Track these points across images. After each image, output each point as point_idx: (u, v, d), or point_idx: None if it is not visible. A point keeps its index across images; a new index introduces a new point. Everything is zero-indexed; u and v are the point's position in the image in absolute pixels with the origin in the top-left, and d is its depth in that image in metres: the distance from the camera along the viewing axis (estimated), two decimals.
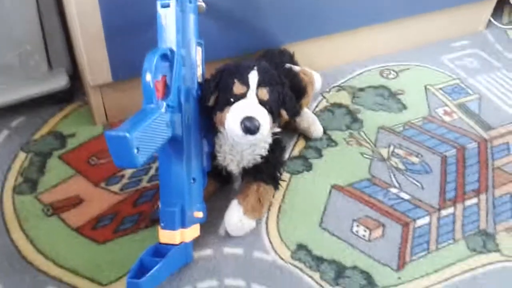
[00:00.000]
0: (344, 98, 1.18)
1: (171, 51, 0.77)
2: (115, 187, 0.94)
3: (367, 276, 0.82)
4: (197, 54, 0.82)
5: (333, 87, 1.21)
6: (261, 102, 0.80)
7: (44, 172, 0.96)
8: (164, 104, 0.74)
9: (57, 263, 0.81)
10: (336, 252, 0.85)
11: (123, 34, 0.95)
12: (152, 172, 0.97)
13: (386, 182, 0.98)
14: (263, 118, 0.78)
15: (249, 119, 0.76)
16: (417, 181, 0.99)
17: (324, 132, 1.08)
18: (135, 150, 0.66)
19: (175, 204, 0.79)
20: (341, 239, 0.88)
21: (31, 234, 0.85)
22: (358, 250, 0.86)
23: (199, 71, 0.83)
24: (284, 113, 0.83)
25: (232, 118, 0.78)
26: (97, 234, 0.86)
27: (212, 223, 0.88)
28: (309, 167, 1.00)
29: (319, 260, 0.84)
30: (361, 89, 1.21)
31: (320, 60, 1.22)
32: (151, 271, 0.73)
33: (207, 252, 0.84)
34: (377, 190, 0.97)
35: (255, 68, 0.81)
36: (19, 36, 1.02)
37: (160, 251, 0.78)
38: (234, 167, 0.88)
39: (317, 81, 1.12)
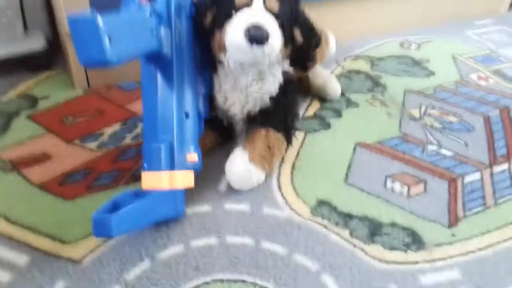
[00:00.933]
0: (362, 65, 1.03)
1: None
2: (92, 145, 0.77)
3: (411, 233, 0.63)
4: None
5: (349, 56, 1.07)
6: (270, 12, 0.64)
7: (7, 130, 0.79)
8: (149, 7, 0.58)
9: (9, 219, 0.63)
10: (368, 208, 0.67)
11: None
12: (138, 130, 0.80)
13: (422, 140, 0.81)
14: (273, 27, 0.62)
15: (255, 26, 0.60)
16: (459, 138, 0.82)
17: (342, 95, 0.92)
18: (106, 39, 0.50)
19: (162, 140, 0.62)
20: (373, 195, 0.69)
21: None
22: (396, 206, 0.67)
23: None
24: (297, 33, 0.67)
25: (234, 28, 0.62)
26: (66, 190, 0.68)
27: (210, 178, 0.71)
28: (327, 126, 0.84)
29: (347, 216, 0.65)
30: (381, 58, 1.07)
31: (333, 30, 1.08)
32: (126, 208, 0.54)
33: (204, 208, 0.66)
34: (412, 147, 0.79)
35: None
36: None
37: (141, 196, 0.59)
38: (237, 111, 0.71)
39: (331, 40, 0.97)
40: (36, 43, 0.95)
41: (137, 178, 0.69)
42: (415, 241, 0.62)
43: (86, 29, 0.50)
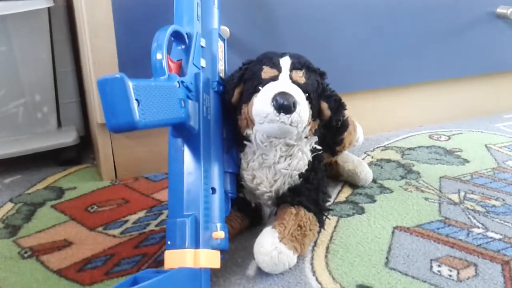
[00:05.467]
0: (392, 155, 1.01)
1: (188, 34, 0.66)
2: (115, 231, 0.74)
3: None
4: (219, 48, 0.71)
5: (377, 147, 1.05)
6: (297, 85, 0.64)
7: (31, 219, 0.77)
8: (178, 79, 0.59)
9: None
10: None
11: (137, 66, 0.85)
12: (162, 217, 0.78)
13: (465, 223, 0.76)
14: (300, 97, 0.62)
15: (282, 94, 0.60)
16: (506, 221, 0.76)
17: (374, 182, 0.89)
18: (134, 102, 0.50)
19: (188, 215, 0.59)
20: (418, 279, 0.62)
21: None
22: None
23: (221, 66, 0.70)
24: (325, 106, 0.67)
25: (261, 98, 0.62)
26: (83, 276, 0.63)
27: (237, 263, 0.66)
28: (360, 211, 0.79)
29: None
30: (411, 148, 1.04)
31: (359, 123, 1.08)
32: (146, 282, 0.49)
33: None
34: (456, 231, 0.73)
35: (287, 54, 0.68)
36: (28, 83, 0.93)
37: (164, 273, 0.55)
38: (265, 189, 0.68)
39: (359, 129, 0.97)
40: (68, 137, 0.96)
41: (160, 264, 0.65)
42: None
43: (115, 89, 0.50)
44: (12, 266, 0.65)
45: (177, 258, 0.56)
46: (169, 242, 0.58)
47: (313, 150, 0.70)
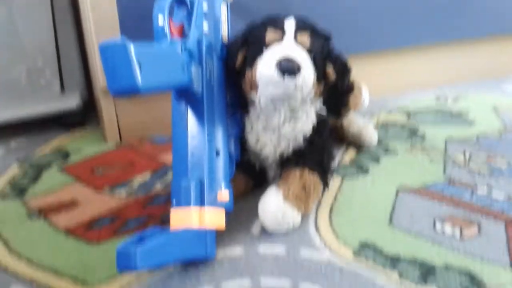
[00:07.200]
0: (398, 117, 1.01)
1: None
2: (121, 193, 0.74)
3: (469, 276, 0.56)
4: (222, 11, 0.69)
5: (383, 109, 1.04)
6: (301, 47, 0.63)
7: (37, 181, 0.78)
8: (180, 43, 0.58)
9: (31, 262, 0.59)
10: (418, 250, 0.60)
11: (140, 30, 0.83)
12: (168, 178, 0.78)
13: (470, 184, 0.75)
14: (304, 60, 0.61)
15: (286, 59, 0.59)
16: (511, 182, 0.76)
17: (379, 144, 0.89)
18: (136, 66, 0.49)
19: (192, 177, 0.59)
20: (421, 237, 0.63)
21: (6, 236, 0.65)
22: (448, 249, 0.61)
23: (224, 30, 0.69)
24: (330, 69, 0.66)
25: (265, 62, 0.61)
26: (91, 234, 0.65)
27: (242, 222, 0.66)
28: (365, 172, 0.79)
29: (395, 259, 0.59)
30: (417, 111, 1.04)
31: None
32: (153, 241, 0.50)
33: (237, 250, 0.61)
34: (460, 191, 0.74)
35: (292, 16, 0.66)
36: (30, 47, 0.92)
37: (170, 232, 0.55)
38: (269, 153, 0.68)
39: (365, 92, 0.96)
40: (72, 102, 0.96)
41: (166, 224, 0.66)
42: (475, 284, 0.55)
43: (117, 54, 0.49)
44: (21, 226, 0.66)
45: (182, 216, 0.57)
46: (174, 201, 0.58)
47: (317, 113, 0.70)
